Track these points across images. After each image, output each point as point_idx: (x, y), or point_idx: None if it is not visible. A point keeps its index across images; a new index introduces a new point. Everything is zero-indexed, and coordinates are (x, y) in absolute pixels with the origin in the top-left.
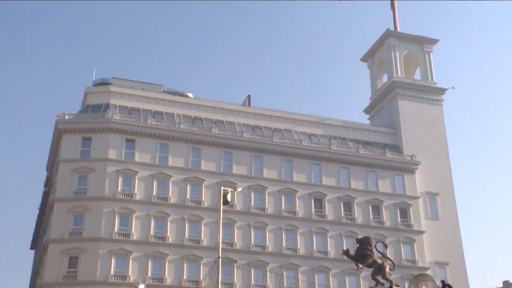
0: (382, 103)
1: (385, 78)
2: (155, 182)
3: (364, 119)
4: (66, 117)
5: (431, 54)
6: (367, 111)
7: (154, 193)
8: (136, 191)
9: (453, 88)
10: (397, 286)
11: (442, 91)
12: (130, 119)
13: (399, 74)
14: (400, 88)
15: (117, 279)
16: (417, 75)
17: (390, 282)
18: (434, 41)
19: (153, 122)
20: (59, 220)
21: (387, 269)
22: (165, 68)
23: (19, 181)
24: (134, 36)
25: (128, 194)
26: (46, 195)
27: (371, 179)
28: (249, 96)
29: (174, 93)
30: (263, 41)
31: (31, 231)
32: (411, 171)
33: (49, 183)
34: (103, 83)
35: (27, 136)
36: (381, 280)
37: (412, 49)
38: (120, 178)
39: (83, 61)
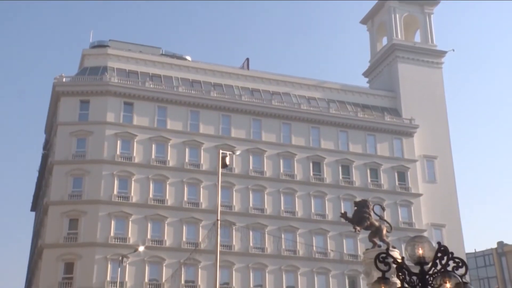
0: (381, 66)
1: (384, 41)
2: (153, 145)
3: (363, 82)
4: (64, 80)
5: (432, 16)
6: (366, 74)
7: (153, 156)
8: (135, 154)
9: (453, 51)
10: (394, 248)
11: (442, 54)
12: (128, 82)
13: (399, 36)
14: (400, 51)
15: (117, 241)
16: (417, 38)
17: (387, 244)
18: (435, 3)
19: (151, 85)
20: (59, 183)
21: (384, 231)
22: (163, 31)
23: (18, 143)
24: None
25: (127, 157)
26: (45, 158)
27: (369, 143)
28: (247, 59)
29: (172, 56)
30: (262, 4)
31: (31, 193)
32: (410, 135)
33: (48, 146)
34: (101, 45)
35: (25, 99)
36: (378, 242)
37: (413, 11)
38: (118, 141)
39: (80, 23)
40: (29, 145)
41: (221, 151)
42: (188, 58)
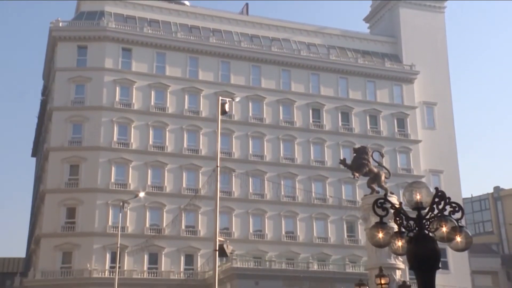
0: (382, 11)
1: None
2: (152, 92)
3: (364, 28)
4: (60, 25)
5: None
6: (367, 19)
7: (152, 103)
8: (134, 101)
9: None
10: (392, 193)
11: None
12: (126, 28)
13: None
14: None
15: (117, 187)
16: None
17: (385, 190)
18: None
19: (150, 31)
20: (58, 129)
21: (383, 178)
22: None
23: (17, 89)
24: None
25: (126, 104)
26: (44, 104)
27: (369, 89)
28: (247, 4)
29: (171, 1)
30: None
31: (32, 139)
32: (410, 81)
33: (46, 92)
34: None
35: (22, 44)
36: (377, 188)
37: None
38: (117, 88)
39: None
40: (28, 91)
41: (220, 98)
42: (187, 3)
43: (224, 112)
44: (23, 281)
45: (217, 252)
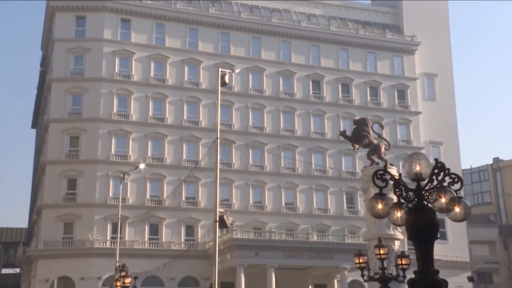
0: None
1: None
2: (152, 63)
3: None
4: None
5: None
6: None
7: (152, 75)
8: (133, 73)
9: None
10: (392, 165)
11: None
12: None
13: None
14: None
15: (117, 159)
16: None
17: (385, 161)
18: None
19: (149, 1)
20: (58, 100)
21: (383, 149)
22: None
23: (16, 59)
24: None
25: (126, 75)
26: (43, 75)
27: (369, 61)
28: None
29: None
30: None
31: (31, 110)
32: (411, 52)
33: (45, 63)
34: None
35: (20, 14)
36: (376, 160)
37: None
38: (116, 59)
39: None
40: (27, 61)
41: (220, 69)
42: None
43: (224, 84)
44: (26, 251)
45: (217, 223)
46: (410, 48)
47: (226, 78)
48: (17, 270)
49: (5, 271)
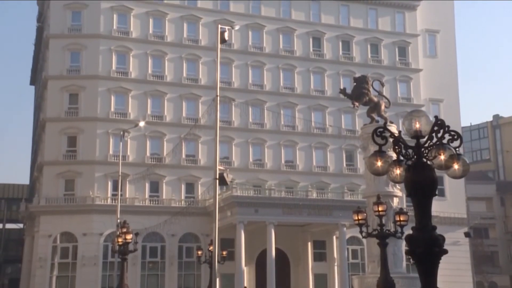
0: None
1: None
2: (151, 19)
3: None
4: None
5: None
6: None
7: (151, 31)
8: (132, 29)
9: None
10: (392, 123)
11: None
12: None
13: None
14: None
15: (117, 116)
16: None
17: (385, 119)
18: None
19: None
20: (56, 57)
21: (383, 107)
22: None
23: (12, 14)
24: None
25: (124, 32)
26: (40, 31)
27: (371, 17)
28: None
29: None
30: None
31: (29, 67)
32: (413, 8)
33: (42, 18)
34: None
35: None
36: (376, 118)
37: None
38: (114, 15)
39: None
40: (24, 16)
41: (219, 26)
42: None
43: (223, 41)
44: (28, 207)
45: (217, 181)
46: (412, 3)
47: (226, 35)
48: (21, 225)
49: (9, 226)
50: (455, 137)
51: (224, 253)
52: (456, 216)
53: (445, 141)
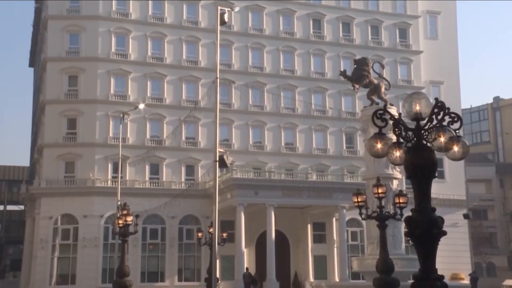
0: None
1: None
2: (150, 1)
3: None
4: None
5: None
6: None
7: (150, 13)
8: (131, 11)
9: None
10: (392, 105)
11: None
12: None
13: None
14: None
15: (117, 99)
16: None
17: (385, 101)
18: None
19: None
20: (55, 39)
21: (383, 89)
22: None
23: None
24: None
25: (123, 14)
26: (38, 12)
27: None
28: None
29: None
30: None
31: (28, 49)
32: None
33: None
34: None
35: None
36: (376, 100)
37: None
38: None
39: None
40: None
41: (219, 8)
42: None
43: (223, 23)
44: (29, 189)
45: (217, 163)
46: None
47: (226, 17)
48: (21, 207)
49: (10, 207)
50: (455, 119)
51: (224, 235)
52: (456, 198)
53: (445, 123)
